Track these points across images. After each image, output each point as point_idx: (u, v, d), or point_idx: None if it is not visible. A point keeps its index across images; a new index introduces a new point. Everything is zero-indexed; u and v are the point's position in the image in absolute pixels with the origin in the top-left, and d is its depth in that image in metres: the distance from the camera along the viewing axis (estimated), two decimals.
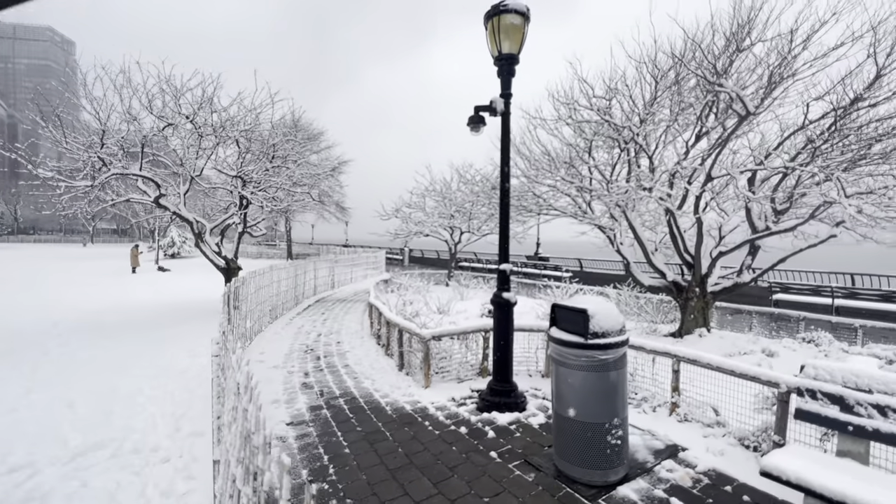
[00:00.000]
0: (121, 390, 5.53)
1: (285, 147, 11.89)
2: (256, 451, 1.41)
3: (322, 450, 3.85)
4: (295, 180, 12.59)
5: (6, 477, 3.51)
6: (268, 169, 11.31)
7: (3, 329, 8.75)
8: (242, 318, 7.40)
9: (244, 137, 10.90)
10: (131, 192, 10.82)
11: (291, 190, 12.55)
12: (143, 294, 14.67)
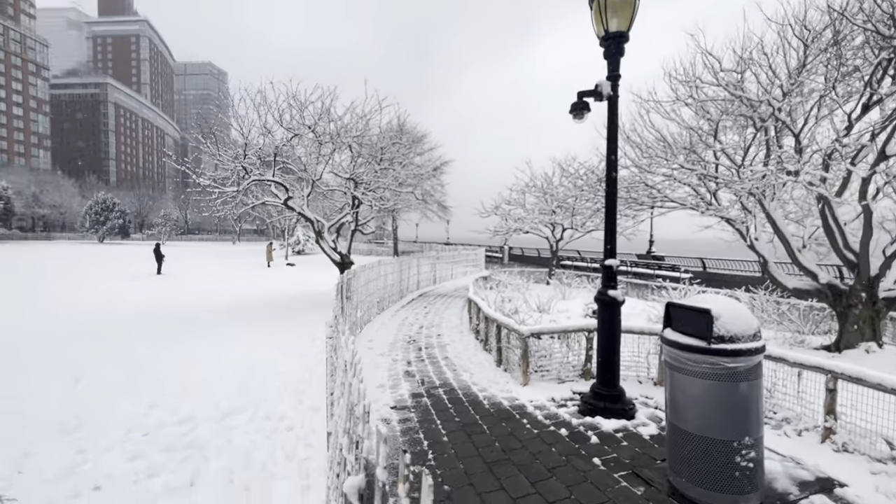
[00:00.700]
0: (255, 366, 6.42)
1: (392, 150, 12.64)
2: (358, 420, 1.49)
3: (422, 435, 3.99)
4: (400, 181, 13.31)
5: (177, 427, 4.30)
6: (376, 171, 12.15)
7: (178, 312, 10.77)
8: (354, 307, 8.05)
9: (356, 143, 11.84)
10: (266, 195, 12.49)
11: (397, 190, 13.29)
12: (275, 285, 16.87)
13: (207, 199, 11.27)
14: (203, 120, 11.95)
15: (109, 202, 55.75)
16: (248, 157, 11.02)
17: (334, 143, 11.65)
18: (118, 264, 25.07)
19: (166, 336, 8.17)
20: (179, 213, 78.03)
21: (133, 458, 3.73)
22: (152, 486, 3.31)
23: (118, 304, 11.61)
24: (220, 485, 3.32)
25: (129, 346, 7.38)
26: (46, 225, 66.81)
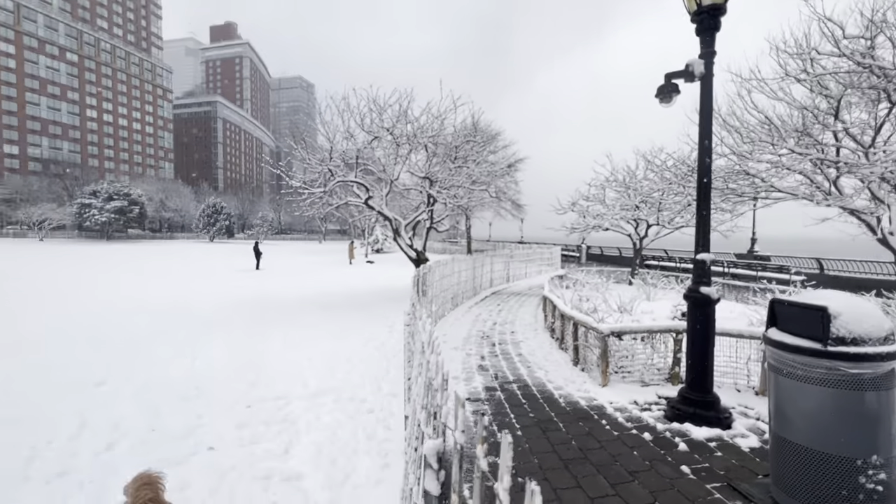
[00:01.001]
0: (340, 353, 6.88)
1: (466, 148, 12.76)
2: (436, 392, 1.55)
3: (496, 427, 3.99)
4: (474, 178, 13.40)
5: (273, 402, 4.78)
6: (451, 169, 12.36)
7: (273, 302, 11.92)
8: (428, 302, 8.27)
9: (431, 142, 12.15)
10: (349, 195, 13.31)
11: (471, 188, 13.39)
12: (356, 280, 17.91)
13: (298, 199, 12.31)
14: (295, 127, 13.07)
15: (218, 206, 63.19)
16: (334, 159, 11.82)
17: (411, 143, 12.06)
18: (225, 260, 28.31)
19: (263, 322, 9.08)
20: (274, 215, 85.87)
21: (239, 426, 4.21)
22: (255, 451, 3.71)
23: (224, 295, 13.13)
24: (310, 456, 3.62)
25: (233, 330, 8.33)
26: (170, 226, 77.52)
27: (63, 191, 61.21)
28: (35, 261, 24.74)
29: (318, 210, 13.63)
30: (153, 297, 12.35)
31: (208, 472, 3.38)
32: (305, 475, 3.34)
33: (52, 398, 4.87)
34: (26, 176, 68.42)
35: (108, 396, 4.94)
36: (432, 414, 1.55)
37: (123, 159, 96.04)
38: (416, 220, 13.81)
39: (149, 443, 3.90)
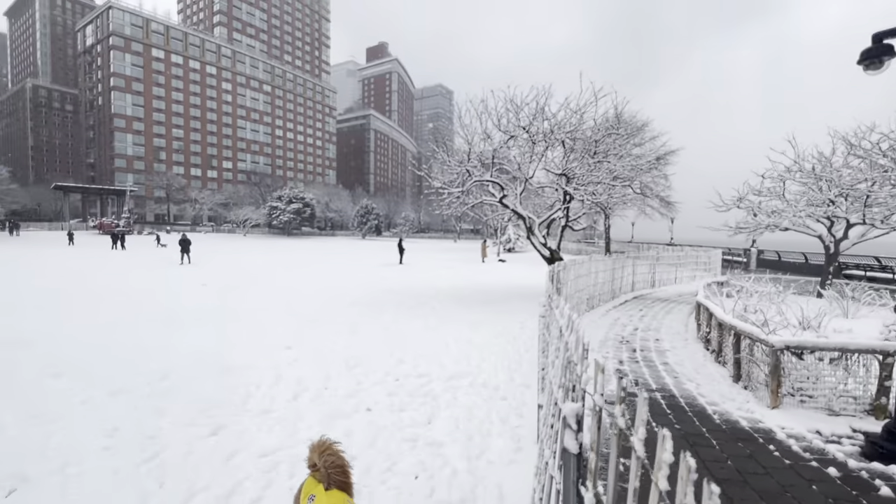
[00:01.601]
0: (474, 342, 7.25)
1: (607, 142, 12.07)
2: (576, 364, 1.63)
3: None
4: (615, 174, 12.57)
5: (416, 379, 5.33)
6: (590, 165, 11.83)
7: (413, 293, 13.08)
8: (563, 300, 8.12)
9: (569, 138, 11.81)
10: (484, 195, 13.77)
11: (611, 184, 12.60)
12: (488, 278, 18.40)
13: (438, 199, 13.23)
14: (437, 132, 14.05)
15: (369, 207, 71.40)
16: (471, 160, 12.39)
17: (547, 140, 11.91)
18: (373, 255, 31.90)
19: (405, 309, 10.06)
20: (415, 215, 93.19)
21: (389, 394, 4.83)
22: (403, 417, 4.23)
23: (374, 284, 14.88)
24: (449, 429, 3.97)
25: (382, 314, 9.42)
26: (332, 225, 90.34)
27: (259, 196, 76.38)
28: (247, 250, 31.56)
29: (455, 209, 14.44)
30: (320, 283, 14.69)
31: (367, 428, 3.98)
32: (445, 444, 3.68)
33: (259, 355, 6.26)
34: (236, 185, 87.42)
35: (293, 359, 6.14)
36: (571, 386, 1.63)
37: (300, 168, 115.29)
38: (551, 219, 13.58)
39: (323, 399, 4.74)
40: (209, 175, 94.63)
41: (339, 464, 2.24)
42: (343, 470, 2.23)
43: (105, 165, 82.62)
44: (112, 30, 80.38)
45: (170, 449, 3.57)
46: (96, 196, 64.02)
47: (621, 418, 1.21)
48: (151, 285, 13.29)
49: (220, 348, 6.56)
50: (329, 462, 2.21)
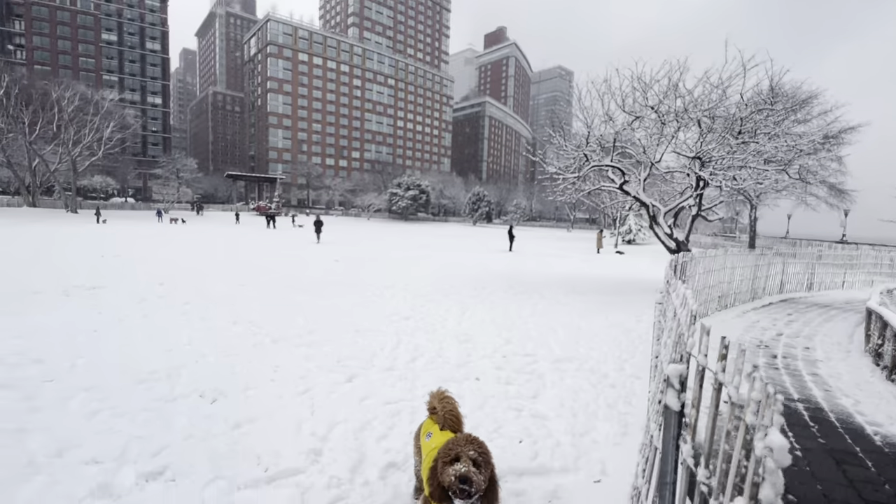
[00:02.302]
0: (583, 329, 7.13)
1: (756, 119, 10.48)
2: (682, 332, 1.66)
3: None
4: (766, 156, 10.87)
5: (523, 358, 5.51)
6: (731, 146, 10.42)
7: (526, 279, 13.14)
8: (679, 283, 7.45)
9: (707, 116, 10.54)
10: (603, 181, 13.08)
11: (759, 168, 10.93)
12: (603, 269, 17.49)
13: (552, 185, 12.97)
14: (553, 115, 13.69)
15: (481, 194, 72.35)
16: (590, 144, 11.86)
17: (679, 120, 10.80)
18: (484, 241, 32.47)
19: (514, 293, 10.22)
20: (526, 203, 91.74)
21: (497, 368, 5.10)
22: (509, 390, 4.46)
23: (484, 267, 15.28)
24: (554, 405, 4.09)
25: (490, 295, 9.72)
26: (445, 211, 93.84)
27: (381, 183, 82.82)
28: (370, 232, 34.87)
29: (569, 196, 13.99)
30: (434, 264, 15.61)
31: (475, 395, 4.31)
32: (550, 418, 3.82)
33: (382, 322, 7.07)
34: (362, 173, 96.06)
35: (412, 328, 6.79)
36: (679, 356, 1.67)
37: (417, 157, 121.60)
38: (679, 207, 12.35)
39: (436, 364, 5.22)
40: (340, 164, 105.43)
41: (453, 411, 2.57)
42: (456, 416, 2.56)
43: (262, 156, 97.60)
44: (269, 39, 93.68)
45: (316, 388, 4.35)
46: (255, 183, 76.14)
47: (721, 373, 1.26)
48: (296, 259, 15.61)
49: (352, 313, 7.55)
50: (447, 409, 2.55)
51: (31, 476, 2.78)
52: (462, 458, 1.81)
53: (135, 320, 6.56)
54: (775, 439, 0.93)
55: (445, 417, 2.50)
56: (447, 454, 1.85)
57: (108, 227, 27.58)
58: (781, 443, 0.92)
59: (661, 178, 12.82)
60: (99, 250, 15.09)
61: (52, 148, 44.06)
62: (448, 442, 1.93)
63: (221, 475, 2.86)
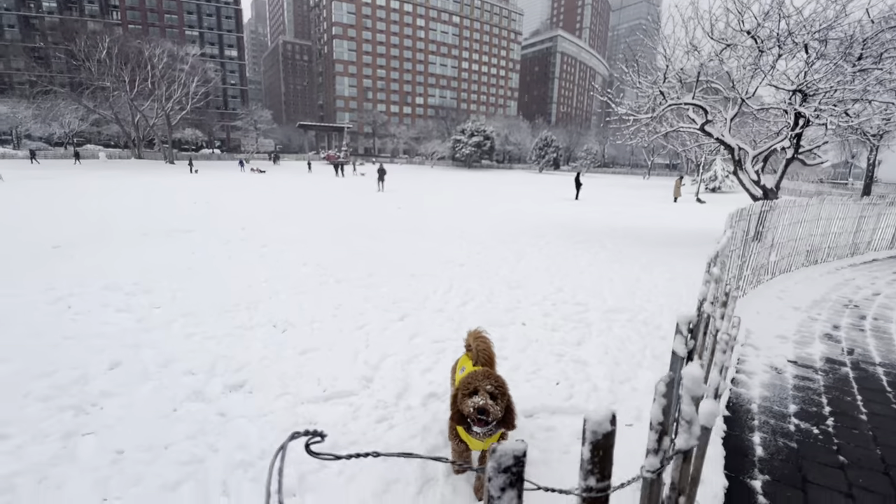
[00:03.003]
0: (642, 281, 6.86)
1: (882, 39, 8.67)
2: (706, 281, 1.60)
3: (823, 398, 3.29)
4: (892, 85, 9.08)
5: (573, 306, 5.50)
6: (847, 75, 8.81)
7: (588, 228, 12.68)
8: (766, 247, 6.81)
9: (817, 40, 8.91)
10: (682, 121, 11.82)
11: (883, 101, 9.20)
12: (678, 220, 16.26)
13: (623, 126, 12.00)
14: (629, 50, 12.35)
15: (549, 139, 68.70)
16: (668, 80, 10.66)
17: (781, 46, 9.25)
18: (549, 189, 31.33)
19: (573, 242, 9.95)
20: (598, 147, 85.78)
21: (544, 315, 5.17)
22: (553, 336, 4.54)
23: (546, 216, 14.90)
24: (597, 353, 4.12)
25: (547, 245, 9.57)
26: (510, 158, 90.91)
27: (444, 130, 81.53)
28: (433, 181, 35.11)
29: (642, 139, 12.89)
30: (493, 212, 15.52)
31: (519, 338, 4.44)
32: (591, 364, 3.87)
33: (436, 267, 7.33)
34: (426, 120, 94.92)
35: (465, 274, 6.99)
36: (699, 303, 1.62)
37: (482, 101, 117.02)
38: (771, 150, 10.92)
39: (485, 308, 5.40)
40: (404, 111, 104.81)
41: (487, 350, 2.72)
42: (489, 355, 2.71)
43: (329, 105, 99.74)
44: None
45: (372, 324, 4.74)
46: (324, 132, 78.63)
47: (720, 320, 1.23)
48: (361, 207, 16.32)
49: (409, 259, 7.90)
50: (480, 347, 2.71)
51: (146, 381, 3.44)
52: (480, 392, 1.96)
53: (221, 260, 7.43)
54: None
55: (479, 355, 2.66)
56: (466, 387, 2.01)
57: (199, 176, 30.45)
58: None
59: (752, 117, 11.31)
60: (191, 198, 16.87)
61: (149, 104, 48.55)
62: (468, 376, 2.08)
63: (288, 391, 3.33)
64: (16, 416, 2.91)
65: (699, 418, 0.98)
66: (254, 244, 8.77)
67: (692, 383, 0.93)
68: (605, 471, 0.75)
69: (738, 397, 3.36)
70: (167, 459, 2.54)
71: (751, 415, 3.13)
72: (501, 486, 0.47)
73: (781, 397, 3.37)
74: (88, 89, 48.31)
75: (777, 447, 2.75)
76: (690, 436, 0.96)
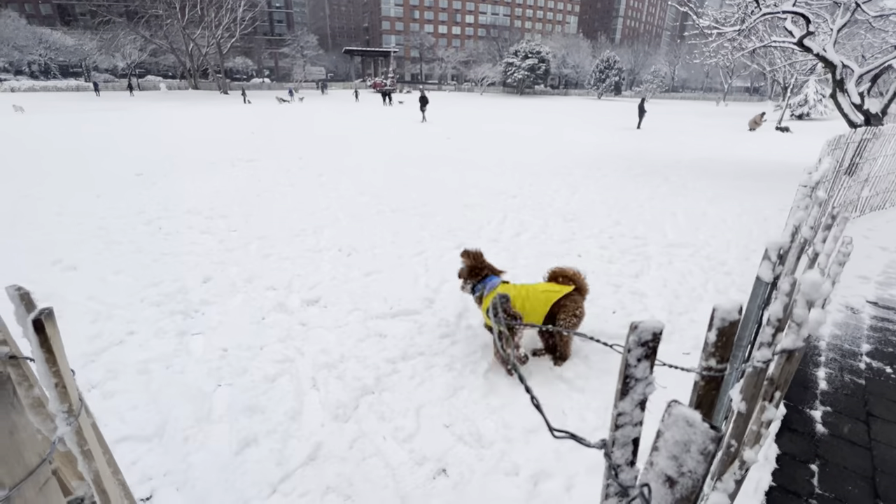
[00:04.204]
0: (708, 215, 6.51)
1: None
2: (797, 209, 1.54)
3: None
4: None
5: (631, 240, 5.39)
6: None
7: (651, 160, 11.87)
8: (858, 182, 6.14)
9: None
10: (775, 34, 10.28)
11: None
12: (753, 151, 14.74)
13: (703, 42, 10.65)
14: None
15: (611, 60, 62.37)
16: None
17: None
18: (608, 118, 29.11)
19: (633, 175, 9.43)
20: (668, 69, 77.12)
21: (601, 247, 5.12)
22: (610, 268, 4.53)
23: (603, 147, 14.04)
24: (656, 285, 4.09)
25: (604, 177, 9.14)
26: (566, 83, 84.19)
27: (496, 52, 75.98)
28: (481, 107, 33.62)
29: (723, 57, 11.43)
30: (547, 143, 14.82)
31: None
32: (649, 296, 3.88)
33: (490, 199, 7.31)
34: (476, 40, 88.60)
35: (519, 206, 6.94)
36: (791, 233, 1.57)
37: (538, 17, 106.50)
38: (883, 68, 9.34)
39: (539, 240, 5.41)
40: (453, 31, 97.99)
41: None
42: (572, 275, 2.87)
43: (375, 28, 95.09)
44: None
45: (429, 251, 4.93)
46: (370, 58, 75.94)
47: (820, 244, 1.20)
48: (411, 136, 16.12)
49: (461, 189, 7.91)
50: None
51: (235, 293, 3.88)
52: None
53: (284, 188, 7.82)
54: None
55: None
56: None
57: (252, 106, 31.02)
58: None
59: (866, 26, 9.59)
60: (249, 128, 17.39)
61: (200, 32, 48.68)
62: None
63: (358, 307, 3.65)
64: (138, 316, 3.44)
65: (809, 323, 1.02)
66: (311, 173, 9.08)
67: (810, 288, 0.94)
68: (725, 354, 0.83)
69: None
70: (264, 358, 2.95)
71: (817, 351, 3.07)
72: (639, 357, 0.55)
73: (854, 336, 3.25)
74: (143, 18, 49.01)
75: (843, 382, 2.72)
76: (798, 337, 1.00)
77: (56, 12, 73.26)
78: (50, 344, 0.82)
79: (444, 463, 2.17)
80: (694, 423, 0.48)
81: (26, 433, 0.77)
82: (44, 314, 0.82)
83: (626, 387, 0.55)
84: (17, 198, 6.82)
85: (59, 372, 0.84)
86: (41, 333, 0.80)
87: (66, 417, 0.86)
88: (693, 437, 0.47)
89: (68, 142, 12.68)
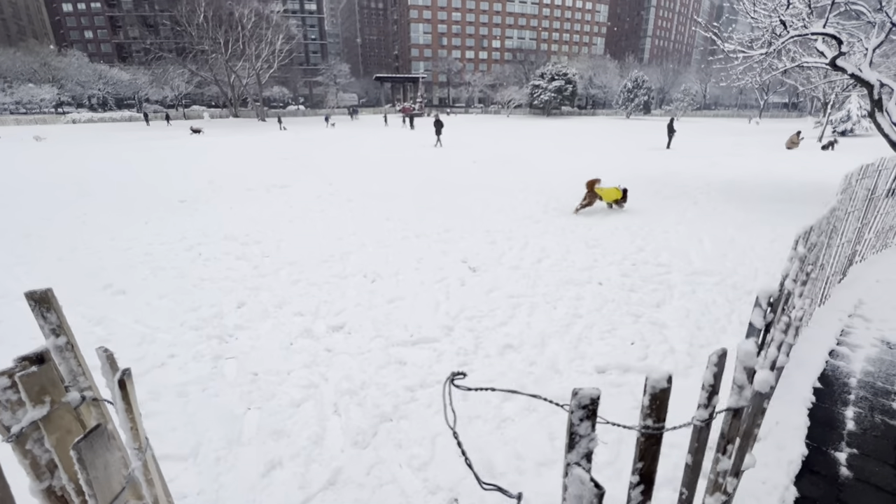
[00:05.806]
0: (737, 241, 6.37)
1: None
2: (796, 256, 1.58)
3: None
4: None
5: (654, 268, 5.35)
6: None
7: (678, 182, 11.70)
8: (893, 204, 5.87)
9: None
10: (807, 54, 10.08)
11: None
12: (791, 171, 14.27)
13: (729, 66, 10.55)
14: None
15: (640, 80, 62.05)
16: (793, 4, 9.04)
17: None
18: (637, 137, 28.84)
19: (660, 197, 9.33)
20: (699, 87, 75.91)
21: (623, 275, 5.11)
22: (631, 296, 4.51)
23: (632, 169, 13.94)
24: (677, 316, 4.06)
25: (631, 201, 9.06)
26: (594, 103, 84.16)
27: (522, 75, 77.05)
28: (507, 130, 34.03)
29: (753, 78, 11.26)
30: (572, 165, 14.84)
31: (595, 297, 4.49)
32: (670, 327, 3.85)
33: (513, 225, 7.42)
34: (502, 64, 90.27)
35: (541, 231, 7.01)
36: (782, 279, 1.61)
37: (565, 40, 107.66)
38: None
39: (560, 267, 5.44)
40: (480, 56, 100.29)
41: None
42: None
43: (404, 55, 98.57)
44: None
45: (451, 278, 5.07)
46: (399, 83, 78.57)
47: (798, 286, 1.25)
48: (436, 161, 16.51)
49: (483, 215, 8.06)
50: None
51: (266, 318, 4.12)
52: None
53: (315, 213, 8.20)
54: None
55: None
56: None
57: (287, 133, 32.59)
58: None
59: None
60: (282, 154, 18.29)
61: (241, 64, 51.98)
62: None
63: (380, 334, 3.80)
64: (179, 339, 3.71)
65: (753, 385, 1.12)
66: (340, 199, 9.48)
67: (745, 356, 1.11)
68: (661, 416, 0.92)
69: (835, 370, 3.18)
70: (290, 383, 3.13)
71: (847, 388, 2.97)
72: (580, 418, 0.66)
73: (889, 374, 3.12)
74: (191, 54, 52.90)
75: (872, 423, 2.62)
76: (740, 398, 1.11)
77: (115, 50, 80.00)
78: (129, 397, 1.01)
79: (457, 493, 2.24)
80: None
81: (114, 466, 0.96)
82: (125, 374, 1.01)
83: (572, 442, 0.66)
84: (78, 224, 7.47)
85: (133, 418, 1.03)
86: (123, 389, 0.99)
87: (137, 453, 1.04)
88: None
89: (125, 174, 13.74)
